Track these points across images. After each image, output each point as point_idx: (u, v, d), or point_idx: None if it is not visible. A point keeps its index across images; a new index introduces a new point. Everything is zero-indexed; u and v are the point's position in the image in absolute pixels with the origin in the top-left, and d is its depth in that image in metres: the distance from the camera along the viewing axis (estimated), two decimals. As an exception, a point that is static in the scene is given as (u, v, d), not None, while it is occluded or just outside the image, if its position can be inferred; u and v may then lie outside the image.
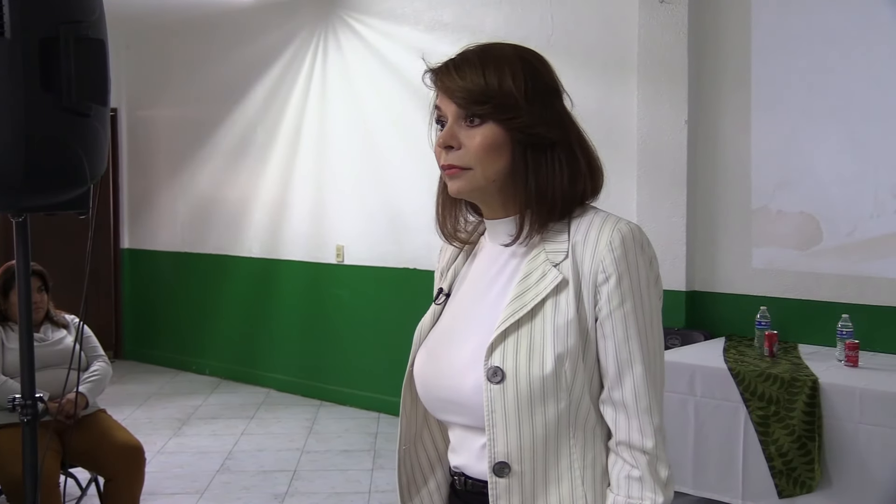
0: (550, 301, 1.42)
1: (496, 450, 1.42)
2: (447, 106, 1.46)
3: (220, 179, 7.77)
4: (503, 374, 1.41)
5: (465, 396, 1.45)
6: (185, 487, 4.99)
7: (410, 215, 6.21)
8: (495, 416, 1.41)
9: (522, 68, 1.44)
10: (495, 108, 1.41)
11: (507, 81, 1.42)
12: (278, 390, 7.26)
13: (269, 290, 7.42)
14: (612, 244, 1.40)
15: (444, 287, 1.61)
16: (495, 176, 1.44)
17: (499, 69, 1.43)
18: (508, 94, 1.41)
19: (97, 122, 2.14)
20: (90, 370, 4.21)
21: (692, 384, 4.13)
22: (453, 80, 1.43)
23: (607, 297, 1.40)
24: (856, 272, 4.52)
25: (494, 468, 1.43)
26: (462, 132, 1.44)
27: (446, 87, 1.44)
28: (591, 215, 1.46)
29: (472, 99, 1.42)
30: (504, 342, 1.42)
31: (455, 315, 1.56)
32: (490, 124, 1.42)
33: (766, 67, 4.77)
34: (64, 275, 4.77)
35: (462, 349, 1.48)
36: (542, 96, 1.45)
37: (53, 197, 2.17)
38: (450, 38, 6.06)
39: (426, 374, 1.54)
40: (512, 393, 1.40)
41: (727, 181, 4.93)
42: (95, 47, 2.10)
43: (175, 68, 8.16)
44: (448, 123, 1.45)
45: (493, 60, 1.44)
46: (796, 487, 3.82)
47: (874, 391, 3.69)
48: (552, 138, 1.44)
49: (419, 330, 1.60)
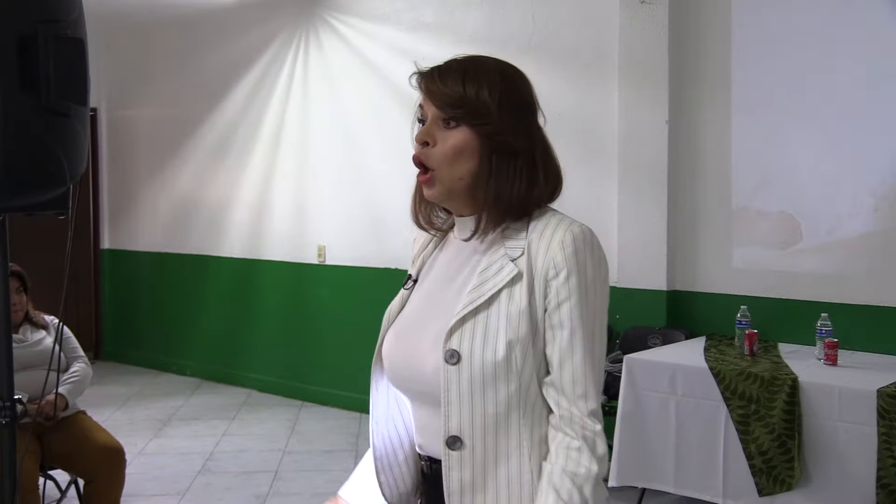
0: (506, 291, 1.55)
1: (450, 424, 1.55)
2: (428, 107, 1.61)
3: (200, 179, 7.74)
4: (459, 357, 1.54)
5: (426, 376, 1.58)
6: (166, 489, 4.97)
7: (391, 215, 6.21)
8: (450, 395, 1.54)
9: (500, 82, 1.59)
10: (468, 113, 1.56)
11: (484, 92, 1.56)
12: (260, 391, 7.24)
13: (251, 290, 7.41)
14: (563, 243, 1.53)
15: (412, 274, 1.77)
16: (462, 175, 1.59)
17: (478, 80, 1.57)
18: (483, 103, 1.56)
19: (76, 121, 2.13)
20: (70, 371, 4.18)
21: (673, 383, 4.15)
22: (436, 84, 1.58)
23: (556, 291, 1.53)
24: (835, 271, 4.56)
25: (447, 441, 1.56)
26: (438, 133, 1.59)
27: (429, 90, 1.59)
28: (549, 216, 1.60)
29: (449, 103, 1.57)
30: (462, 327, 1.55)
31: (422, 301, 1.70)
32: (463, 128, 1.57)
33: (746, 68, 4.80)
34: (43, 276, 4.73)
35: (425, 333, 1.62)
36: (514, 109, 1.59)
37: (32, 197, 2.15)
38: (431, 38, 6.06)
39: (393, 354, 1.67)
40: (466, 374, 1.54)
41: (708, 181, 4.96)
42: (74, 46, 2.09)
43: (155, 68, 8.13)
44: (427, 122, 1.61)
45: (474, 72, 1.58)
46: (776, 485, 3.84)
47: (853, 389, 3.72)
48: (517, 147, 1.58)
49: (388, 313, 1.74)
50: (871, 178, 4.45)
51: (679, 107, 4.99)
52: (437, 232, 1.75)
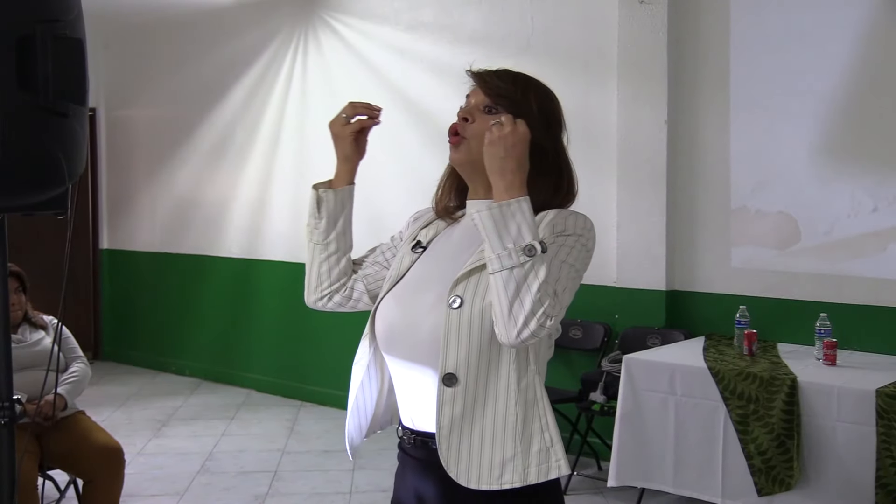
0: None
1: (447, 363, 1.69)
2: (475, 95, 1.81)
3: (199, 179, 7.74)
4: (462, 301, 1.69)
5: (422, 334, 1.73)
6: (165, 489, 4.97)
7: (390, 215, 6.18)
8: (450, 337, 1.69)
9: (542, 95, 1.81)
10: (511, 105, 1.75)
11: (529, 93, 1.78)
12: (258, 391, 7.24)
13: (249, 290, 7.40)
14: (567, 220, 1.73)
15: (422, 241, 1.92)
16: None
17: (525, 86, 1.79)
18: (525, 100, 1.77)
19: (75, 121, 2.12)
20: (69, 371, 4.18)
21: (672, 383, 4.15)
22: (492, 77, 1.80)
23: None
24: (833, 271, 4.56)
25: (444, 378, 1.69)
26: (479, 115, 1.78)
27: (482, 79, 1.80)
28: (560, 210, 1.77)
29: (497, 92, 1.77)
30: (468, 279, 1.71)
31: (424, 269, 1.85)
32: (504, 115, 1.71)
33: (744, 68, 4.80)
34: (42, 276, 4.73)
35: (429, 294, 1.77)
36: (548, 118, 1.80)
37: (31, 197, 2.14)
38: (429, 38, 6.05)
39: (389, 315, 1.83)
40: (467, 315, 1.68)
41: (706, 181, 4.96)
42: (73, 46, 2.08)
43: (154, 68, 8.12)
44: (472, 104, 1.80)
45: (523, 80, 1.81)
46: (775, 485, 3.84)
47: (852, 389, 3.72)
48: (546, 147, 1.77)
49: (389, 276, 1.93)
50: (870, 179, 4.45)
51: (678, 107, 4.99)
52: (449, 219, 1.90)
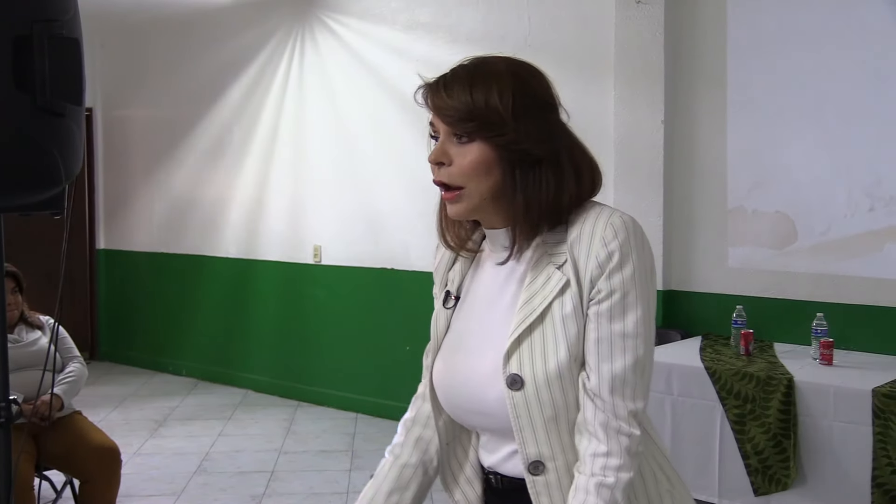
0: (557, 303, 1.45)
1: (528, 451, 1.46)
2: (438, 123, 1.49)
3: (196, 179, 7.73)
4: (522, 381, 1.44)
5: (491, 407, 1.49)
6: (162, 489, 4.96)
7: (388, 215, 6.20)
8: (521, 422, 1.45)
9: (512, 84, 1.46)
10: (481, 125, 1.44)
11: (494, 99, 1.44)
12: (255, 391, 7.23)
13: (246, 290, 7.40)
14: (605, 239, 1.44)
15: (451, 290, 1.63)
16: (488, 193, 1.47)
17: (486, 86, 1.45)
18: (494, 111, 1.43)
19: (72, 121, 2.12)
20: (65, 372, 4.18)
21: (669, 383, 4.15)
22: (442, 98, 1.46)
23: (601, 288, 1.43)
24: (830, 271, 4.56)
25: (530, 468, 1.47)
26: (453, 149, 1.48)
27: (436, 106, 1.47)
28: (587, 213, 1.49)
29: (458, 117, 1.45)
30: (519, 348, 1.45)
31: (469, 322, 1.59)
32: (478, 142, 1.45)
33: (741, 68, 4.81)
34: (38, 276, 4.73)
35: (483, 360, 1.51)
36: (531, 111, 1.47)
37: (28, 197, 2.14)
38: (427, 38, 6.06)
39: (446, 385, 1.57)
40: (532, 395, 1.44)
41: (703, 181, 4.96)
42: (70, 46, 2.08)
43: (151, 68, 8.12)
44: (439, 140, 1.49)
45: (482, 78, 1.46)
46: (772, 485, 3.84)
47: (848, 389, 3.72)
48: (538, 154, 1.46)
49: (435, 334, 1.62)
50: (867, 178, 4.45)
51: (675, 107, 5.00)
52: (467, 253, 1.63)
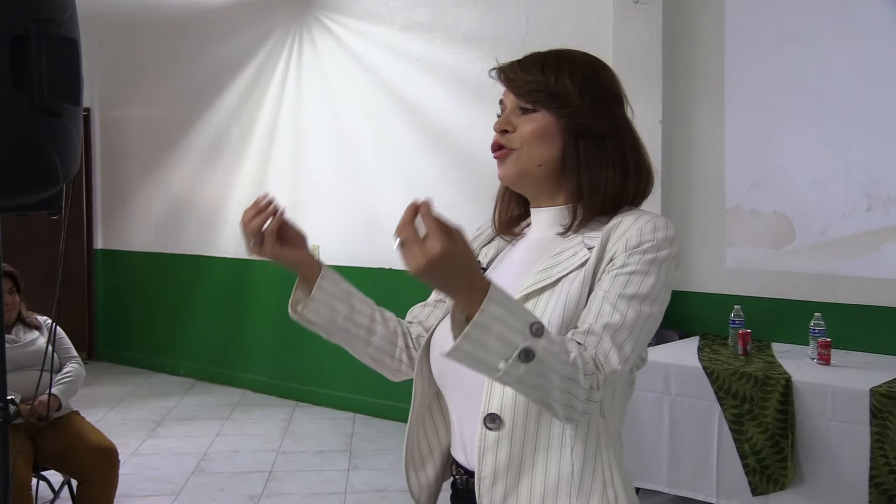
0: (573, 275, 1.45)
1: (491, 401, 1.43)
2: (507, 98, 1.55)
3: (194, 179, 7.73)
4: None
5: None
6: (160, 489, 4.96)
7: (386, 215, 6.20)
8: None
9: (582, 68, 1.52)
10: (547, 97, 1.49)
11: (563, 76, 1.50)
12: (253, 391, 7.23)
13: (244, 290, 7.39)
14: (642, 229, 1.43)
15: (482, 262, 1.64)
16: (542, 160, 1.50)
17: (557, 66, 1.51)
18: (562, 86, 1.49)
19: (70, 121, 2.12)
20: (63, 372, 4.17)
21: (667, 383, 4.15)
22: (515, 73, 1.53)
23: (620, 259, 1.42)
24: (828, 271, 4.56)
25: (486, 420, 1.43)
26: (517, 119, 1.52)
27: (508, 79, 1.53)
28: (635, 211, 1.50)
29: (527, 88, 1.51)
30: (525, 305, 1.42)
31: None
32: (543, 113, 1.50)
33: (739, 68, 4.81)
34: (36, 276, 4.73)
35: None
36: (597, 93, 1.51)
37: (25, 197, 2.14)
38: (425, 38, 6.05)
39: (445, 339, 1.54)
40: None
41: (701, 181, 4.97)
42: (68, 46, 2.08)
43: (149, 67, 8.11)
44: (506, 111, 1.54)
45: (554, 59, 1.52)
46: (769, 485, 3.85)
47: (846, 389, 3.73)
48: (602, 131, 1.49)
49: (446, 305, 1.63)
50: (865, 179, 4.46)
51: (672, 106, 5.00)
52: (509, 236, 1.65)
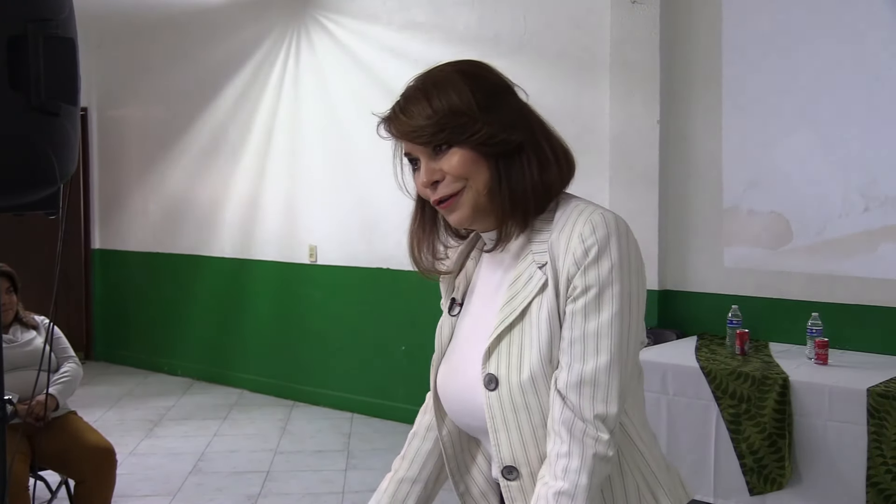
0: (536, 302, 1.42)
1: (502, 454, 1.44)
2: (412, 148, 1.47)
3: (191, 179, 7.73)
4: (497, 381, 1.42)
5: (480, 409, 1.46)
6: (157, 489, 4.96)
7: (383, 215, 6.20)
8: (496, 423, 1.43)
9: (464, 82, 1.43)
10: (453, 131, 1.41)
11: (454, 101, 1.41)
12: (251, 391, 7.23)
13: (242, 290, 7.39)
14: (582, 236, 1.38)
15: (457, 297, 1.60)
16: (483, 186, 1.44)
17: (442, 93, 1.42)
18: (459, 112, 1.41)
19: (67, 121, 2.12)
20: (60, 371, 4.17)
21: (664, 383, 4.16)
22: (404, 123, 1.44)
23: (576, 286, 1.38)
24: (825, 271, 4.57)
25: (503, 472, 1.44)
26: (438, 163, 1.44)
27: (402, 133, 1.45)
28: (571, 209, 1.44)
29: (429, 132, 1.42)
30: (498, 347, 1.44)
31: (468, 326, 1.56)
32: (456, 147, 1.43)
33: (736, 68, 4.81)
34: (33, 276, 4.72)
35: (475, 363, 1.47)
36: (493, 100, 1.44)
37: (22, 197, 2.14)
38: (422, 38, 6.06)
39: (447, 391, 1.55)
40: (507, 397, 1.42)
41: (698, 181, 4.97)
42: (65, 46, 2.08)
43: (146, 67, 8.10)
44: (423, 162, 1.46)
45: (433, 87, 1.43)
46: (767, 484, 3.85)
47: (843, 388, 3.73)
48: (516, 140, 1.44)
49: (439, 342, 1.60)
50: (862, 179, 4.46)
51: (670, 107, 5.00)
52: (445, 269, 1.59)
